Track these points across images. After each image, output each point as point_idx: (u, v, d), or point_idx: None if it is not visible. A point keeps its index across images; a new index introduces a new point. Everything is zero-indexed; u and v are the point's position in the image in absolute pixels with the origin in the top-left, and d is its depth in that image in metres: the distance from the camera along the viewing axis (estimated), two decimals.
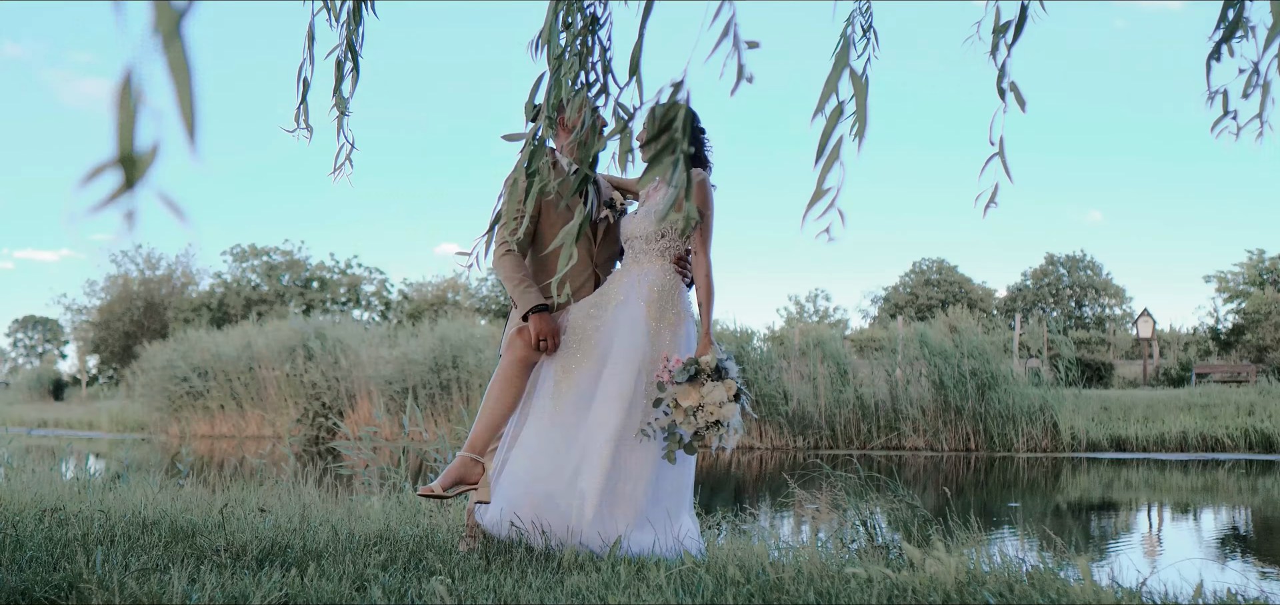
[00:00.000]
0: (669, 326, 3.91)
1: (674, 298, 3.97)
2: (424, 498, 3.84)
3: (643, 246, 4.04)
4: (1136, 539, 8.43)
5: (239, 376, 22.45)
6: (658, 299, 3.93)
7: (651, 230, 4.00)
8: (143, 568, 2.93)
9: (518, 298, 3.91)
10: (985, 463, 14.80)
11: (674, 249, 4.01)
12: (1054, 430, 16.16)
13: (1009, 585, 2.41)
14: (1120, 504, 10.89)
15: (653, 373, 3.80)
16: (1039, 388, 16.54)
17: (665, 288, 3.96)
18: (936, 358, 16.39)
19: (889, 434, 16.74)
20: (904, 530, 3.93)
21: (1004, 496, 11.33)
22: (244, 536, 3.46)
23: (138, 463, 16.52)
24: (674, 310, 3.95)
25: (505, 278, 3.96)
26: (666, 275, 3.99)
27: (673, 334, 3.90)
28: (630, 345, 3.84)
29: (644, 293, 3.96)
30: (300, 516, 4.11)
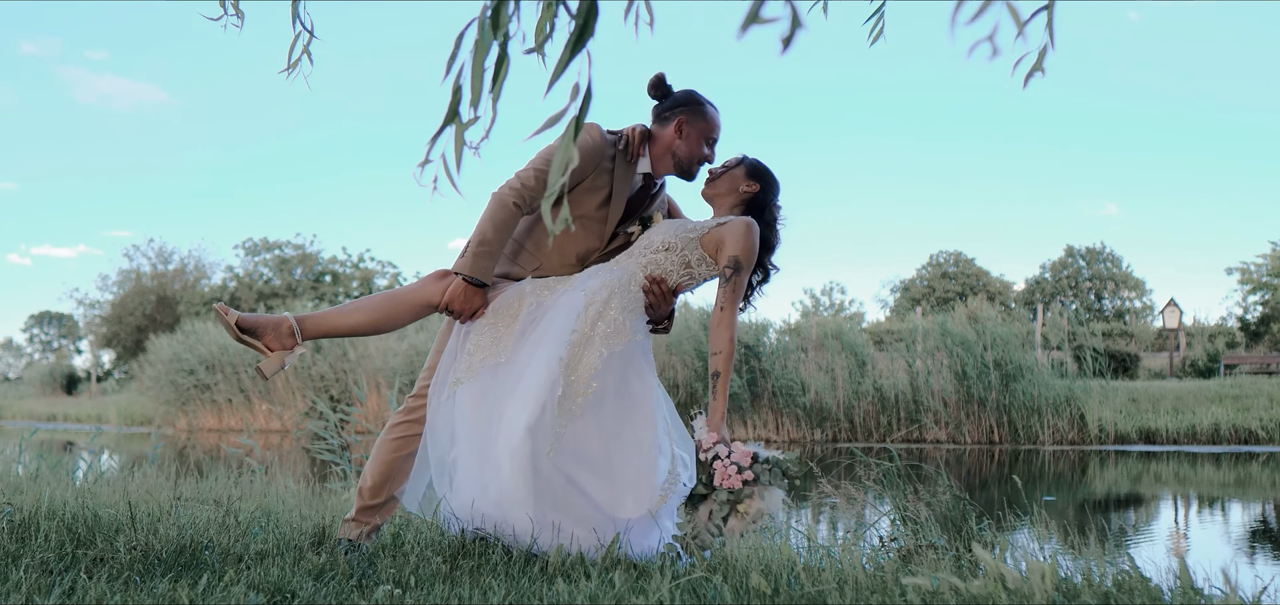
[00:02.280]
0: (604, 341, 3.30)
1: (625, 308, 3.36)
2: (219, 315, 3.31)
3: (630, 256, 3.53)
4: (1205, 534, 7.98)
5: (246, 369, 22.16)
6: (604, 300, 3.35)
7: (663, 238, 3.48)
8: None
9: (471, 254, 3.39)
10: (1010, 455, 14.34)
11: (673, 276, 3.46)
12: (1081, 422, 15.68)
13: (1106, 599, 1.97)
14: (1152, 498, 10.44)
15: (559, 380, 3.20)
16: (1064, 379, 16.06)
17: (619, 295, 3.38)
18: (958, 348, 15.93)
19: (909, 426, 16.30)
20: (952, 528, 3.46)
21: (1030, 490, 10.88)
22: (164, 535, 3.03)
23: (131, 456, 16.24)
24: (615, 327, 3.32)
25: (485, 222, 3.41)
26: (630, 285, 3.42)
27: (605, 345, 3.29)
28: (555, 339, 3.27)
29: (592, 286, 3.40)
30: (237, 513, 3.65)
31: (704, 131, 3.60)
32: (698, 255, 3.48)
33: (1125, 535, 7.76)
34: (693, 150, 3.59)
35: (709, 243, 3.48)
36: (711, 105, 3.65)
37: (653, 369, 3.46)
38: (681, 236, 3.48)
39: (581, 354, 3.28)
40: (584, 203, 3.55)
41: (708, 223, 3.51)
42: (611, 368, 3.30)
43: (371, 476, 3.47)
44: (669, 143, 3.59)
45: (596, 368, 3.27)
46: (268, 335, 3.38)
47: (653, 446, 3.28)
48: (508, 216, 3.42)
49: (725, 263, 3.38)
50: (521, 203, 3.44)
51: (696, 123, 3.59)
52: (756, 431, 17.07)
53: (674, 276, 3.48)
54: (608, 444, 3.26)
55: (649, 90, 3.66)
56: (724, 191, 3.54)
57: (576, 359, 3.26)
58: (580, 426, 3.22)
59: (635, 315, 3.41)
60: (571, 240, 3.58)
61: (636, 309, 3.42)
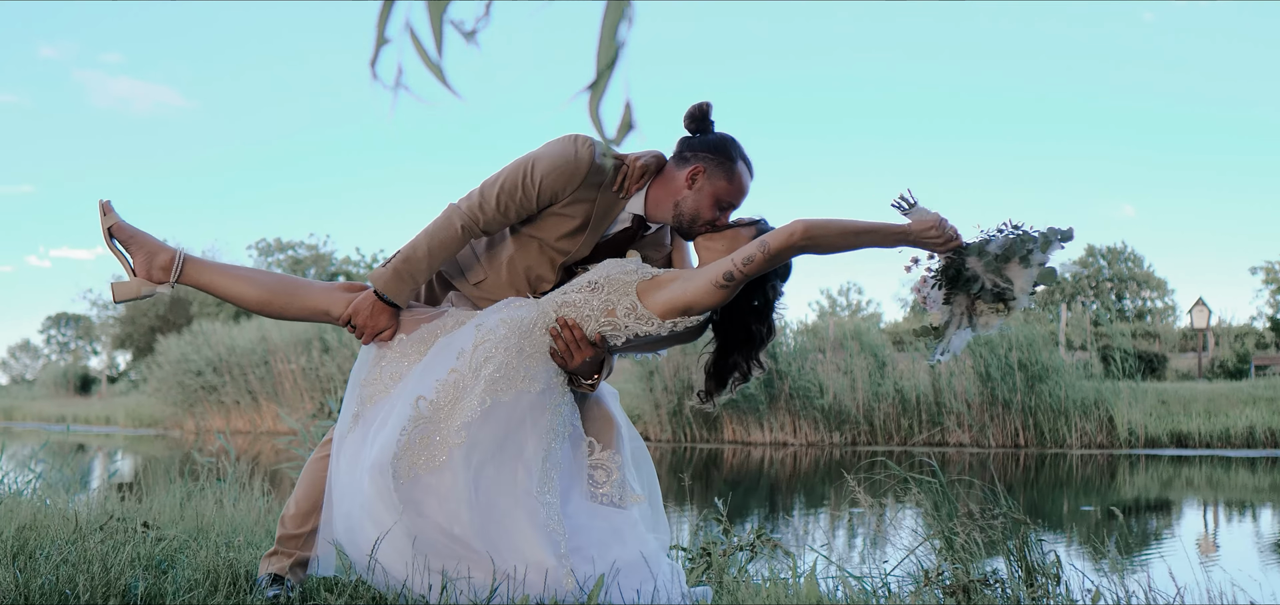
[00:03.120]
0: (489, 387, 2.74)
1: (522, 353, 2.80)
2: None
3: (551, 294, 2.93)
4: (1240, 542, 7.51)
5: (254, 370, 21.85)
6: (499, 340, 2.79)
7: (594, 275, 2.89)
8: None
9: (392, 270, 2.87)
10: (1036, 459, 13.86)
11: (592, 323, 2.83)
12: (1110, 425, 15.17)
13: None
14: (1185, 503, 9.96)
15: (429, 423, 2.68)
16: (1092, 380, 15.55)
17: (518, 336, 2.81)
18: (982, 348, 15.44)
19: (931, 429, 15.82)
20: (1007, 552, 2.98)
21: (1057, 496, 10.41)
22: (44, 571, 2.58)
23: (143, 459, 15.93)
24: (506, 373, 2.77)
25: (422, 237, 2.89)
26: (535, 328, 2.84)
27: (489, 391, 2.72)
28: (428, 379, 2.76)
29: (489, 323, 2.84)
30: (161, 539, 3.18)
31: (721, 193, 2.92)
32: (629, 303, 2.81)
33: (1169, 545, 7.29)
34: (700, 209, 2.93)
35: (653, 289, 2.81)
36: (744, 166, 2.97)
37: (552, 435, 2.81)
38: (615, 276, 2.86)
39: (458, 399, 2.72)
40: (548, 227, 2.97)
41: (659, 271, 2.88)
42: (492, 421, 2.71)
43: (296, 501, 2.98)
44: (677, 190, 2.94)
45: (471, 417, 2.69)
46: (139, 257, 2.90)
47: (533, 531, 2.64)
48: (450, 239, 2.90)
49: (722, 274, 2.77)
50: (471, 228, 2.91)
51: (716, 179, 2.92)
52: (773, 435, 16.62)
53: (592, 323, 2.83)
54: (481, 513, 2.64)
55: (686, 120, 2.99)
56: (721, 248, 2.89)
57: (448, 402, 2.71)
58: (446, 483, 2.64)
59: (536, 362, 2.82)
60: (523, 256, 3.02)
61: (538, 355, 2.83)
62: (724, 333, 2.95)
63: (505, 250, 3.04)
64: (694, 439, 17.03)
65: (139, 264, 2.90)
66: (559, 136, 2.94)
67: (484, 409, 2.71)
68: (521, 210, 2.91)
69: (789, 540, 7.68)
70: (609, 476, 2.92)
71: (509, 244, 3.04)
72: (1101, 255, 42.39)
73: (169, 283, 2.89)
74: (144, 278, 2.89)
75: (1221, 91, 45.16)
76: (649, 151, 3.00)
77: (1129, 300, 41.99)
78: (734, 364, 2.95)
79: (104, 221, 2.88)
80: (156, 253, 2.90)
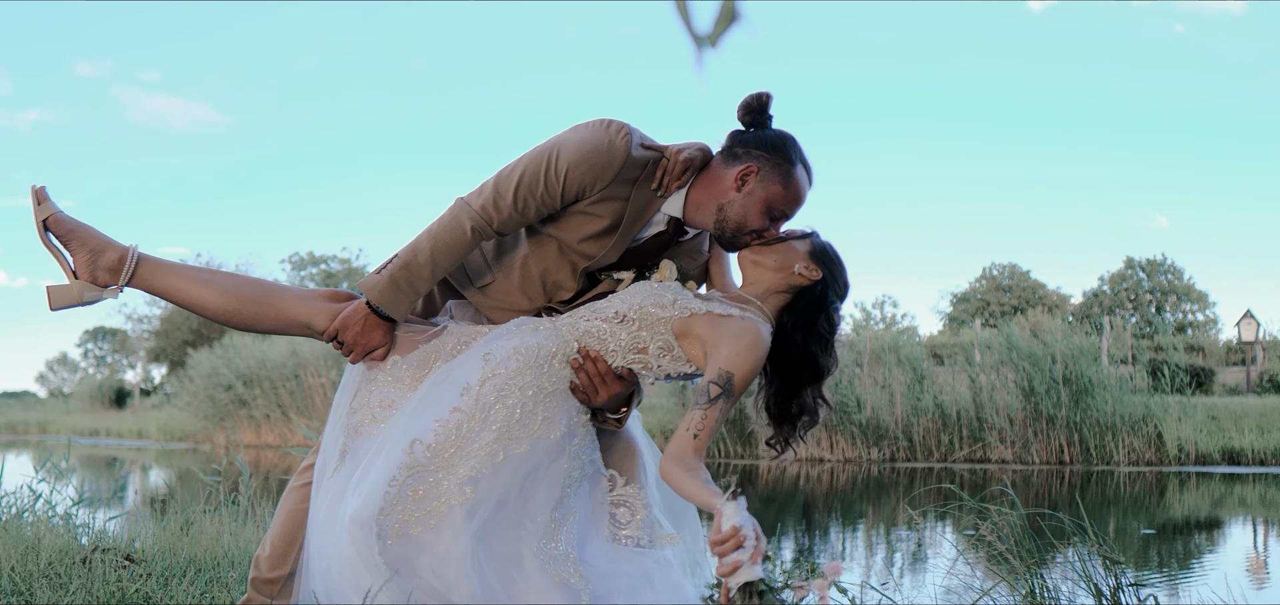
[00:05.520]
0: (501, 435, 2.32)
1: (540, 392, 2.40)
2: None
3: (570, 318, 2.53)
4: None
5: (285, 383, 21.76)
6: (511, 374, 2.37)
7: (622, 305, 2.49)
8: None
9: (387, 278, 2.47)
10: (1082, 477, 13.42)
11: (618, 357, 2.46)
12: (1158, 441, 14.70)
13: None
14: (1236, 523, 9.53)
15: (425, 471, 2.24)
16: (1139, 394, 15.08)
17: (533, 370, 2.40)
18: (1026, 362, 15.02)
19: (973, 445, 15.40)
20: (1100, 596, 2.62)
21: (1105, 514, 10.00)
22: None
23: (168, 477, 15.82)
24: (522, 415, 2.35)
25: (424, 239, 2.50)
26: (553, 360, 2.45)
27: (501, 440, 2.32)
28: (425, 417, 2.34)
29: (498, 353, 2.42)
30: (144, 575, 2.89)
31: (774, 199, 2.50)
32: (663, 342, 2.45)
33: (1226, 566, 6.90)
34: (748, 215, 2.51)
35: (689, 334, 2.44)
36: (804, 168, 2.54)
37: (567, 482, 2.41)
38: (649, 309, 2.46)
39: (461, 444, 2.30)
40: (570, 227, 2.56)
41: (696, 304, 2.46)
42: (504, 474, 2.30)
43: (271, 541, 2.59)
44: (723, 191, 2.51)
45: (480, 471, 2.28)
46: (80, 256, 2.48)
47: (547, 588, 2.26)
48: (457, 242, 2.48)
49: (714, 376, 2.33)
50: (482, 230, 2.49)
51: (769, 183, 2.49)
52: (808, 450, 16.25)
53: (619, 358, 2.46)
54: (483, 579, 2.22)
55: (740, 111, 2.56)
56: (771, 265, 2.51)
57: (450, 447, 2.30)
58: (444, 543, 2.21)
59: (555, 403, 2.42)
60: (539, 259, 2.60)
61: (558, 394, 2.43)
62: (785, 368, 2.53)
63: (519, 251, 2.62)
64: (728, 454, 16.69)
65: (81, 264, 2.48)
66: (589, 121, 2.51)
67: (495, 464, 2.30)
68: (542, 208, 2.50)
69: (824, 559, 7.34)
70: (634, 515, 2.50)
71: (523, 244, 2.63)
72: (1140, 267, 41.80)
73: (117, 285, 2.48)
74: (87, 280, 2.48)
75: (1249, 97, 44.40)
76: (692, 143, 2.57)
77: (1169, 313, 41.32)
78: (801, 404, 2.54)
79: (38, 213, 2.47)
80: (102, 250, 2.49)
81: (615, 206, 2.51)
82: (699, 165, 2.55)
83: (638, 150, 2.49)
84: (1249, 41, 44.13)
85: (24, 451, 21.61)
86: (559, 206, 2.52)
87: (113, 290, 2.49)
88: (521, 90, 46.34)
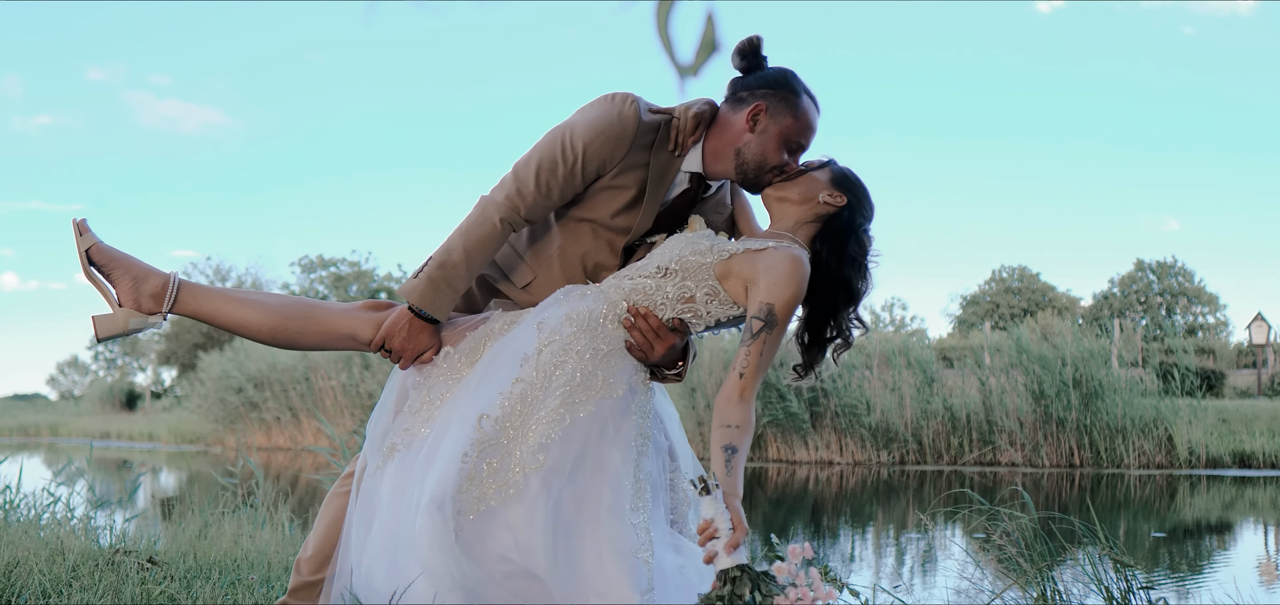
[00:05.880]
0: (566, 399, 2.35)
1: (597, 354, 2.42)
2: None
3: (616, 279, 2.57)
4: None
5: (295, 386, 21.82)
6: (567, 339, 2.41)
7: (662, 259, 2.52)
8: None
9: (425, 279, 2.52)
10: (1092, 480, 13.41)
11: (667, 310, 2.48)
12: (1169, 444, 14.67)
13: None
14: (1248, 526, 9.52)
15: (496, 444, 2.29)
16: (1149, 397, 15.06)
17: (588, 333, 2.44)
18: (1036, 365, 15.00)
19: (983, 448, 15.38)
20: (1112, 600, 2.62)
21: (1115, 518, 9.99)
22: None
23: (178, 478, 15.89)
24: (583, 378, 2.38)
25: (456, 238, 2.54)
26: (605, 320, 2.47)
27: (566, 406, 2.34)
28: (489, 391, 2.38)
29: (551, 320, 2.46)
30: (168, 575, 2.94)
31: (788, 132, 2.56)
32: (708, 288, 2.49)
33: (1236, 569, 6.90)
34: (766, 153, 2.57)
35: (731, 274, 2.48)
36: (809, 98, 2.61)
37: (640, 442, 2.43)
38: (689, 259, 2.50)
39: (527, 413, 2.34)
40: (600, 205, 2.61)
41: (733, 245, 2.51)
42: (574, 438, 2.33)
43: (314, 543, 2.63)
44: (736, 135, 2.57)
45: (550, 436, 2.31)
46: (123, 284, 2.52)
47: (616, 563, 2.26)
48: (488, 236, 2.53)
49: (755, 311, 2.39)
50: (512, 219, 2.54)
51: (780, 117, 2.55)
52: (818, 453, 16.25)
53: (668, 310, 2.49)
54: (558, 545, 2.25)
55: (735, 57, 2.63)
56: (795, 198, 2.56)
57: (517, 417, 2.33)
58: (520, 513, 2.24)
59: (613, 363, 2.45)
60: (575, 244, 2.65)
61: (614, 353, 2.46)
62: (820, 294, 2.56)
63: (553, 242, 2.66)
64: None
65: (124, 292, 2.54)
66: (595, 98, 2.58)
67: (563, 428, 2.33)
68: (566, 188, 2.55)
69: (835, 561, 7.37)
70: (687, 503, 2.55)
71: (557, 234, 2.66)
72: (1151, 270, 41.68)
73: (162, 313, 2.54)
74: (132, 308, 2.53)
75: (1259, 98, 44.25)
76: (698, 99, 2.64)
77: (1180, 315, 41.21)
78: (836, 327, 2.59)
79: (81, 244, 2.53)
80: (145, 278, 2.55)
81: (637, 174, 2.58)
82: (708, 118, 2.63)
83: (647, 116, 2.55)
84: (1258, 42, 44.00)
85: (36, 453, 21.72)
86: (581, 185, 2.57)
87: (157, 317, 2.54)
88: (527, 86, 46.44)
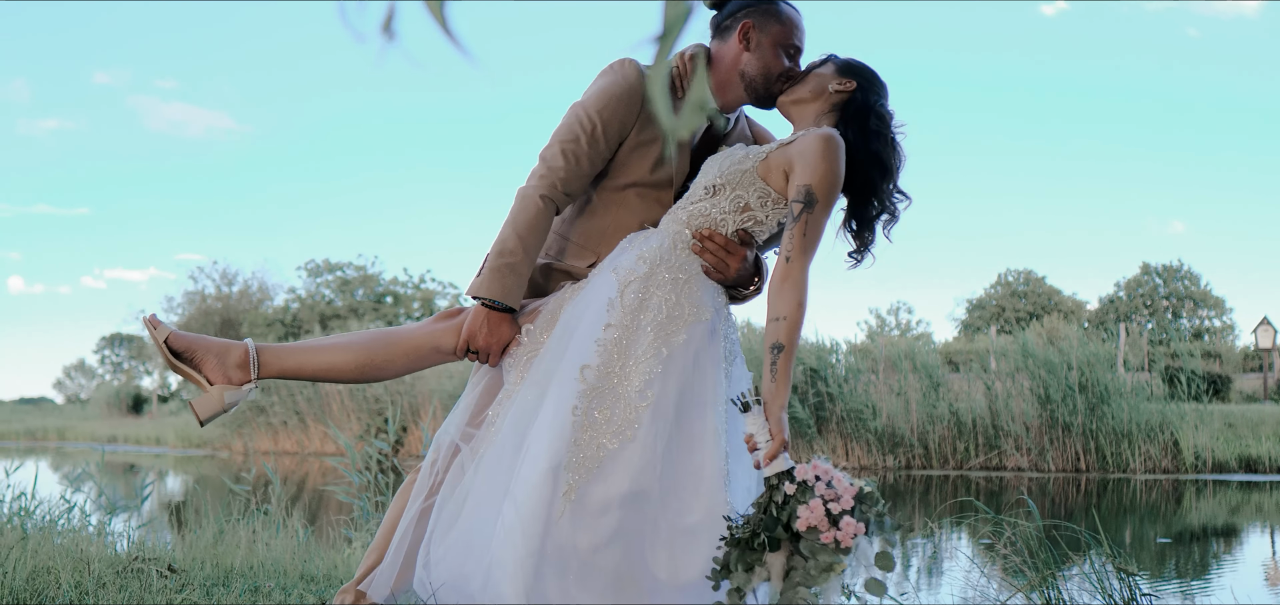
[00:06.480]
0: (657, 333, 2.42)
1: (676, 284, 2.48)
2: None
3: (673, 213, 2.64)
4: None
5: (302, 391, 21.85)
6: (645, 276, 2.47)
7: (706, 179, 2.59)
8: None
9: (488, 271, 2.58)
10: (1098, 484, 13.40)
11: (729, 224, 2.55)
12: (1175, 449, 14.66)
13: None
14: (1255, 530, 9.52)
15: (601, 392, 2.35)
16: (1155, 401, 15.05)
17: (665, 265, 2.51)
18: (1041, 369, 15.00)
19: (989, 452, 15.39)
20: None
21: (1121, 522, 10.00)
22: None
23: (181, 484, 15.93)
24: (669, 311, 2.45)
25: (506, 228, 2.61)
26: (676, 248, 2.54)
27: (660, 339, 2.41)
28: (582, 343, 2.44)
29: (625, 263, 2.53)
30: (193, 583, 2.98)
31: (780, 37, 2.67)
32: (759, 192, 2.55)
33: (1243, 574, 6.91)
34: (767, 63, 2.68)
35: (771, 170, 2.54)
36: (788, 3, 2.72)
37: (727, 362, 2.53)
38: (731, 169, 2.57)
39: (625, 355, 2.40)
40: (635, 166, 2.70)
41: (769, 145, 2.61)
42: (673, 370, 2.40)
43: (384, 536, 2.71)
44: (734, 60, 2.69)
45: (651, 372, 2.38)
46: (209, 363, 2.59)
47: (719, 479, 2.36)
48: (535, 216, 2.61)
49: (794, 194, 2.45)
50: (552, 195, 2.63)
51: (768, 26, 2.66)
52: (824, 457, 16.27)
53: (729, 225, 2.55)
54: (665, 482, 2.34)
55: None
56: (808, 96, 2.63)
57: (617, 361, 2.39)
58: (635, 454, 2.31)
59: (695, 289, 2.51)
60: (626, 213, 2.72)
61: (693, 279, 2.52)
62: (855, 176, 2.62)
63: (605, 218, 2.75)
64: None
65: (211, 371, 2.60)
66: (599, 72, 2.72)
67: (662, 361, 2.40)
68: (594, 156, 2.66)
69: None
70: None
71: (607, 210, 2.75)
72: (1157, 273, 41.61)
73: (252, 381, 2.61)
74: (223, 383, 2.60)
75: (1265, 100, 44.18)
76: (684, 50, 2.76)
77: (1186, 319, 41.12)
78: (880, 203, 2.64)
79: (157, 336, 2.59)
80: (226, 352, 2.62)
81: (657, 127, 2.68)
82: (705, 59, 2.74)
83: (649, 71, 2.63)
84: (1264, 44, 43.95)
85: (44, 458, 21.78)
86: (607, 151, 2.68)
87: (249, 387, 2.61)
88: (533, 88, 46.51)
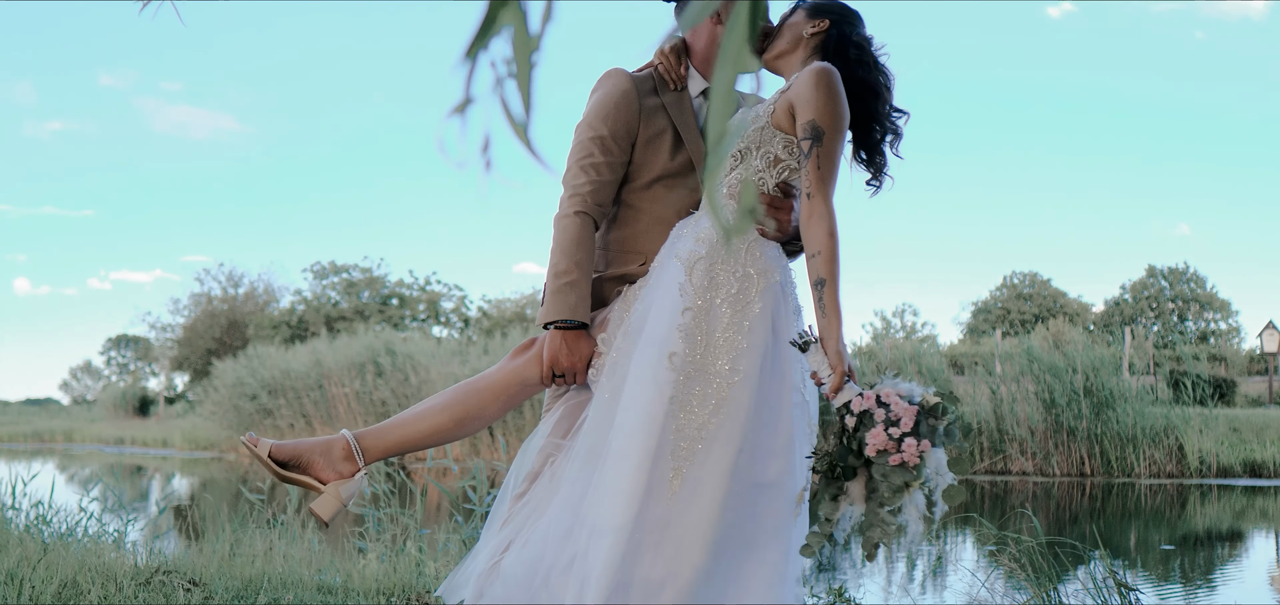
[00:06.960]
0: (732, 307, 2.45)
1: (738, 254, 2.50)
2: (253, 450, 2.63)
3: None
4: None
5: (309, 393, 21.91)
6: (707, 256, 2.49)
7: (736, 144, 2.61)
8: None
9: (549, 296, 2.65)
10: (1102, 489, 13.42)
11: (768, 179, 2.58)
12: (1180, 453, 14.67)
13: None
14: (1260, 535, 9.53)
15: (690, 375, 2.37)
16: (1160, 406, 15.06)
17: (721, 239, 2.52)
18: (1046, 373, 15.01)
19: (993, 457, 15.40)
20: None
21: (1126, 527, 10.02)
22: None
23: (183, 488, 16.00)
24: (740, 281, 2.48)
25: (554, 253, 2.68)
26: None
27: (738, 312, 2.45)
28: (658, 334, 2.45)
29: (685, 248, 2.55)
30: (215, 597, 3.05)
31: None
32: (783, 141, 2.58)
33: (1249, 580, 6.93)
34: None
35: (780, 117, 2.58)
36: None
37: (797, 319, 2.59)
38: (751, 130, 2.62)
39: (708, 334, 2.43)
40: (653, 160, 2.76)
41: (772, 97, 2.65)
42: (756, 341, 2.44)
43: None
44: (712, 36, 2.79)
45: (737, 347, 2.41)
46: (317, 465, 2.66)
47: (794, 438, 2.48)
48: (577, 232, 2.67)
49: (801, 133, 2.50)
50: (586, 209, 2.70)
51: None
52: None
53: (769, 181, 2.58)
54: (754, 454, 2.41)
55: None
56: (787, 47, 2.68)
57: (700, 342, 2.41)
58: (729, 426, 2.37)
59: (758, 252, 2.53)
60: (660, 208, 2.77)
61: (754, 243, 2.54)
62: (852, 109, 2.66)
63: (641, 219, 2.79)
64: None
65: (321, 471, 2.67)
66: (590, 89, 2.84)
67: (746, 334, 2.43)
68: (612, 163, 2.74)
69: (847, 569, 7.42)
70: None
71: (640, 211, 2.80)
72: (1163, 276, 41.54)
73: (361, 469, 2.67)
74: (336, 479, 2.67)
75: (1272, 103, 44.07)
76: (658, 48, 2.86)
77: (1191, 322, 41.06)
78: (881, 126, 2.70)
79: (260, 454, 2.65)
80: (328, 449, 2.68)
81: (661, 116, 2.77)
82: (682, 47, 2.84)
83: (636, 73, 2.80)
84: (1270, 47, 43.87)
85: (50, 459, 21.87)
86: (622, 156, 2.75)
87: (360, 476, 2.68)
88: (539, 90, 46.38)
